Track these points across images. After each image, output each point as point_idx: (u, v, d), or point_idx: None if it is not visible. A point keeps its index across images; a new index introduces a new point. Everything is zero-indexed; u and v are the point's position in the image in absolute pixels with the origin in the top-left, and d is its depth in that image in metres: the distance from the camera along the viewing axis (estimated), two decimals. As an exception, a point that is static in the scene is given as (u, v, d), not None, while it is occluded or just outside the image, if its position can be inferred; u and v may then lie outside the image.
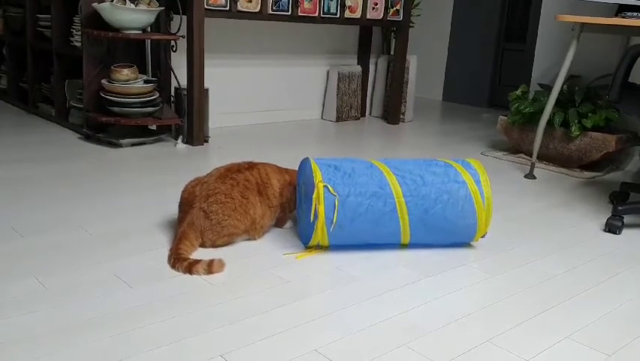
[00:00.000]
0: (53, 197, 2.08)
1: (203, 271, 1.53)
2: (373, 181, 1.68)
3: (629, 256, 1.87)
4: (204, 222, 1.66)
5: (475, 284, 1.59)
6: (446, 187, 1.71)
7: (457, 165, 1.78)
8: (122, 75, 2.80)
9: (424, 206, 1.69)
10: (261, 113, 3.72)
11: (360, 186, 1.66)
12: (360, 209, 1.65)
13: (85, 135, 2.97)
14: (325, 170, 1.67)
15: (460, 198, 1.71)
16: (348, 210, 1.64)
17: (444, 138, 3.60)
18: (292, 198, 1.85)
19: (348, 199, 1.64)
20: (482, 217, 1.73)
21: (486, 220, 1.74)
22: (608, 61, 3.15)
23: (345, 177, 1.67)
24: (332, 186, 1.64)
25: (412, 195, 1.68)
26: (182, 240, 1.63)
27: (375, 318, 1.37)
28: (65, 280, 1.46)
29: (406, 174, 1.71)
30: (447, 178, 1.72)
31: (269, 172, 1.82)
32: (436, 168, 1.75)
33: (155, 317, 1.31)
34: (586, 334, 1.36)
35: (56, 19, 3.11)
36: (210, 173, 1.78)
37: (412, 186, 1.69)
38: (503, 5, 4.91)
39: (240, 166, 1.79)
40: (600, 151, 2.85)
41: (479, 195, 1.72)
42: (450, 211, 1.70)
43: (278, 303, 1.41)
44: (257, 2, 3.07)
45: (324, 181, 1.64)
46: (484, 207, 1.73)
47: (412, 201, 1.68)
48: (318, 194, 1.62)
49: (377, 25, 3.76)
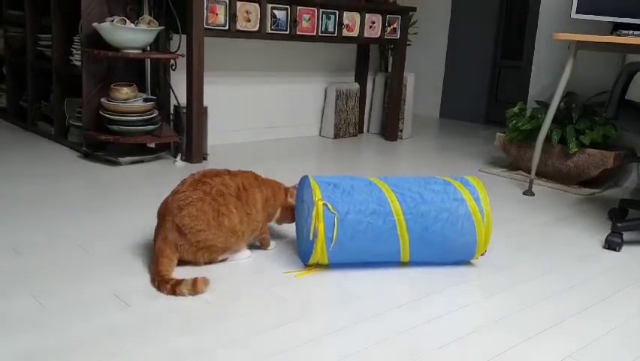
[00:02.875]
0: (52, 215, 2.07)
1: (188, 292, 1.50)
2: (372, 199, 1.67)
3: (630, 273, 1.87)
4: (179, 237, 1.60)
5: (475, 303, 1.58)
6: (445, 205, 1.71)
7: (456, 183, 1.78)
8: (122, 94, 2.82)
9: (424, 224, 1.69)
10: (260, 130, 3.73)
11: (360, 204, 1.66)
12: (359, 227, 1.65)
13: (84, 153, 2.97)
14: (324, 188, 1.67)
15: (460, 216, 1.71)
16: (347, 228, 1.64)
17: (441, 155, 3.61)
18: (273, 213, 1.83)
19: (348, 217, 1.64)
20: (482, 235, 1.73)
21: (485, 238, 1.74)
22: (604, 78, 3.17)
23: (345, 194, 1.67)
24: (331, 203, 1.64)
25: (412, 213, 1.68)
26: (159, 258, 1.58)
27: (376, 338, 1.36)
28: (63, 299, 1.45)
29: (405, 192, 1.71)
30: (446, 196, 1.73)
31: (251, 183, 1.75)
32: (435, 186, 1.75)
33: (153, 337, 1.30)
34: (587, 352, 1.35)
35: (56, 39, 3.13)
36: (184, 180, 1.68)
37: (412, 203, 1.69)
38: (499, 23, 4.96)
39: (218, 172, 1.71)
40: (598, 168, 2.86)
41: (479, 213, 1.72)
42: (449, 229, 1.70)
43: (277, 323, 1.40)
44: (255, 22, 3.10)
45: (323, 199, 1.64)
46: (484, 225, 1.72)
47: (411, 219, 1.68)
48: (318, 212, 1.62)
49: (374, 43, 3.79)
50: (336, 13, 3.45)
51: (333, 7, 3.41)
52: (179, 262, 1.63)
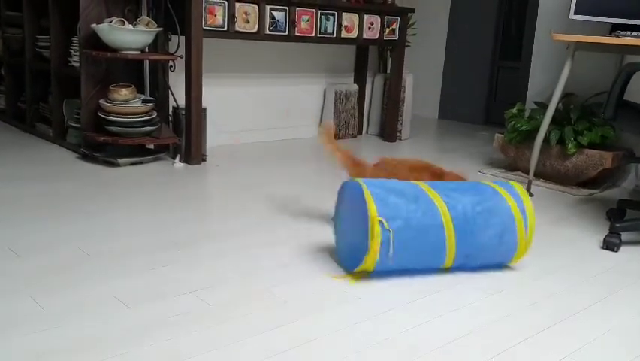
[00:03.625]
0: (51, 216, 2.07)
1: None
2: (425, 211, 1.63)
3: (628, 273, 1.87)
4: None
5: (474, 303, 1.58)
6: (493, 220, 1.68)
7: (502, 190, 1.75)
8: (120, 95, 2.82)
9: (472, 239, 1.67)
10: (259, 131, 3.73)
11: (414, 219, 1.61)
12: (411, 242, 1.61)
13: (82, 155, 2.97)
14: (376, 197, 1.60)
15: (507, 230, 1.69)
16: (399, 242, 1.60)
17: (441, 156, 3.61)
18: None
19: (402, 232, 1.60)
20: (521, 248, 1.74)
21: (523, 250, 1.75)
22: (603, 79, 3.18)
23: (396, 206, 1.61)
24: (385, 218, 1.58)
25: (460, 225, 1.66)
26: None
27: (376, 337, 1.36)
28: (62, 301, 1.45)
29: (457, 205, 1.67)
30: (494, 206, 1.70)
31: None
32: (484, 195, 1.72)
33: (153, 339, 1.30)
34: (586, 352, 1.35)
35: (55, 40, 3.13)
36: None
37: (462, 215, 1.66)
38: (498, 23, 4.97)
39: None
40: (596, 168, 2.86)
41: (522, 225, 1.71)
42: (495, 242, 1.69)
43: (277, 323, 1.40)
44: (254, 23, 3.10)
45: (378, 215, 1.58)
46: (526, 238, 1.72)
47: (460, 233, 1.66)
48: (374, 229, 1.57)
49: (373, 44, 3.79)
50: (335, 14, 3.45)
51: (331, 8, 3.42)
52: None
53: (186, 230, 2.02)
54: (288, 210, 2.31)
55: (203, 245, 1.89)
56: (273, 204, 2.38)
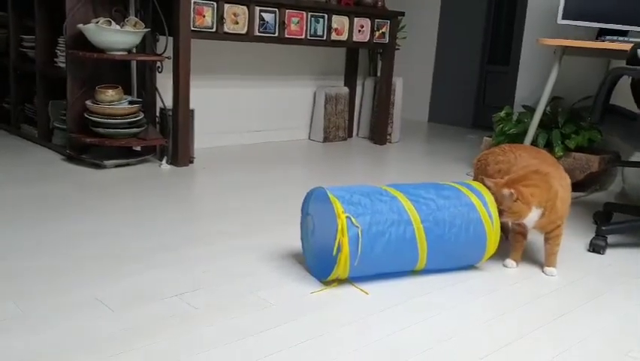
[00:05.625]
0: (35, 219, 2.04)
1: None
2: (391, 208, 1.63)
3: (614, 276, 1.87)
4: None
5: (460, 305, 1.58)
6: (458, 211, 1.69)
7: (463, 188, 1.77)
8: (107, 96, 2.79)
9: (440, 231, 1.67)
10: (248, 133, 3.72)
11: (380, 215, 1.61)
12: (382, 239, 1.60)
13: (68, 156, 2.93)
14: (342, 200, 1.61)
15: (472, 221, 1.70)
16: (370, 241, 1.59)
17: (430, 158, 3.62)
18: None
19: (371, 229, 1.59)
20: (491, 240, 1.73)
21: (494, 243, 1.74)
22: (590, 83, 3.20)
23: (363, 206, 1.61)
24: (353, 216, 1.58)
25: (429, 220, 1.66)
26: None
27: (360, 342, 1.35)
28: (44, 305, 1.42)
29: (420, 200, 1.68)
30: (458, 201, 1.71)
31: None
32: (446, 192, 1.73)
33: (137, 342, 1.28)
34: (571, 355, 1.35)
35: (40, 40, 3.10)
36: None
37: (428, 211, 1.66)
38: (487, 28, 5.00)
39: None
40: (584, 171, 2.88)
41: (488, 218, 1.71)
42: (463, 236, 1.69)
43: (262, 327, 1.39)
44: (243, 24, 3.08)
45: (345, 212, 1.57)
46: (494, 229, 1.72)
47: (428, 227, 1.66)
48: (342, 226, 1.56)
49: (363, 47, 3.80)
50: (325, 17, 3.45)
51: (322, 10, 3.41)
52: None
53: (172, 233, 2.00)
54: (276, 213, 2.30)
55: (189, 248, 1.87)
56: (260, 207, 2.37)
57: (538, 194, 1.72)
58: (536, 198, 1.72)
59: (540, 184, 1.73)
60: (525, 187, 1.72)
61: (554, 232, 1.81)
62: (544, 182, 1.74)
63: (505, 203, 1.72)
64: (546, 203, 1.74)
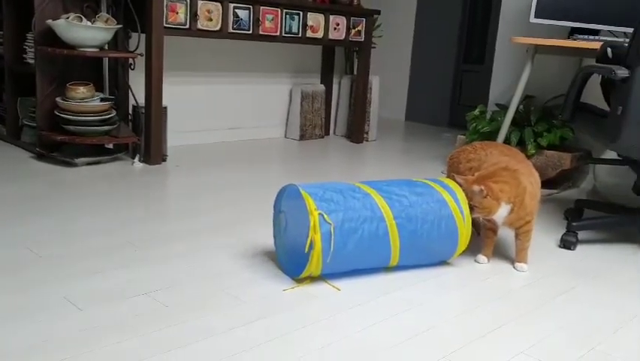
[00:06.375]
0: (1, 217, 1.99)
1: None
2: (363, 205, 1.63)
3: (583, 271, 1.90)
4: None
5: (431, 300, 1.58)
6: (430, 207, 1.69)
7: (435, 185, 1.77)
8: (78, 93, 2.74)
9: (412, 227, 1.67)
10: (223, 131, 3.68)
11: (352, 211, 1.61)
12: (354, 235, 1.60)
13: (38, 154, 2.87)
14: (314, 197, 1.60)
15: (443, 217, 1.70)
16: (342, 237, 1.58)
17: (406, 157, 3.63)
18: None
19: (343, 225, 1.58)
20: (463, 235, 1.74)
21: (465, 238, 1.75)
22: (562, 81, 3.25)
23: (336, 202, 1.60)
24: (325, 213, 1.57)
25: (401, 216, 1.65)
26: None
27: (332, 337, 1.34)
28: (10, 303, 1.39)
29: (393, 196, 1.68)
30: (430, 198, 1.71)
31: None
32: (418, 188, 1.73)
33: (105, 341, 1.25)
34: (541, 348, 1.37)
35: (8, 36, 3.02)
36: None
37: (400, 207, 1.66)
38: (462, 28, 5.04)
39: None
40: (556, 169, 2.92)
41: (460, 214, 1.72)
42: (435, 231, 1.69)
43: (234, 324, 1.37)
44: (217, 21, 3.05)
45: (318, 209, 1.56)
46: (465, 225, 1.73)
47: (401, 223, 1.65)
48: (314, 223, 1.55)
49: (339, 45, 3.79)
50: (300, 14, 3.44)
51: (297, 7, 3.40)
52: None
53: (143, 231, 1.96)
54: (248, 212, 2.28)
55: (160, 246, 1.84)
56: (233, 205, 2.34)
57: (507, 190, 1.74)
58: (505, 194, 1.74)
59: (509, 180, 1.75)
60: (494, 183, 1.73)
61: (524, 228, 1.82)
62: (513, 178, 1.75)
63: (475, 199, 1.73)
64: (515, 199, 1.75)
